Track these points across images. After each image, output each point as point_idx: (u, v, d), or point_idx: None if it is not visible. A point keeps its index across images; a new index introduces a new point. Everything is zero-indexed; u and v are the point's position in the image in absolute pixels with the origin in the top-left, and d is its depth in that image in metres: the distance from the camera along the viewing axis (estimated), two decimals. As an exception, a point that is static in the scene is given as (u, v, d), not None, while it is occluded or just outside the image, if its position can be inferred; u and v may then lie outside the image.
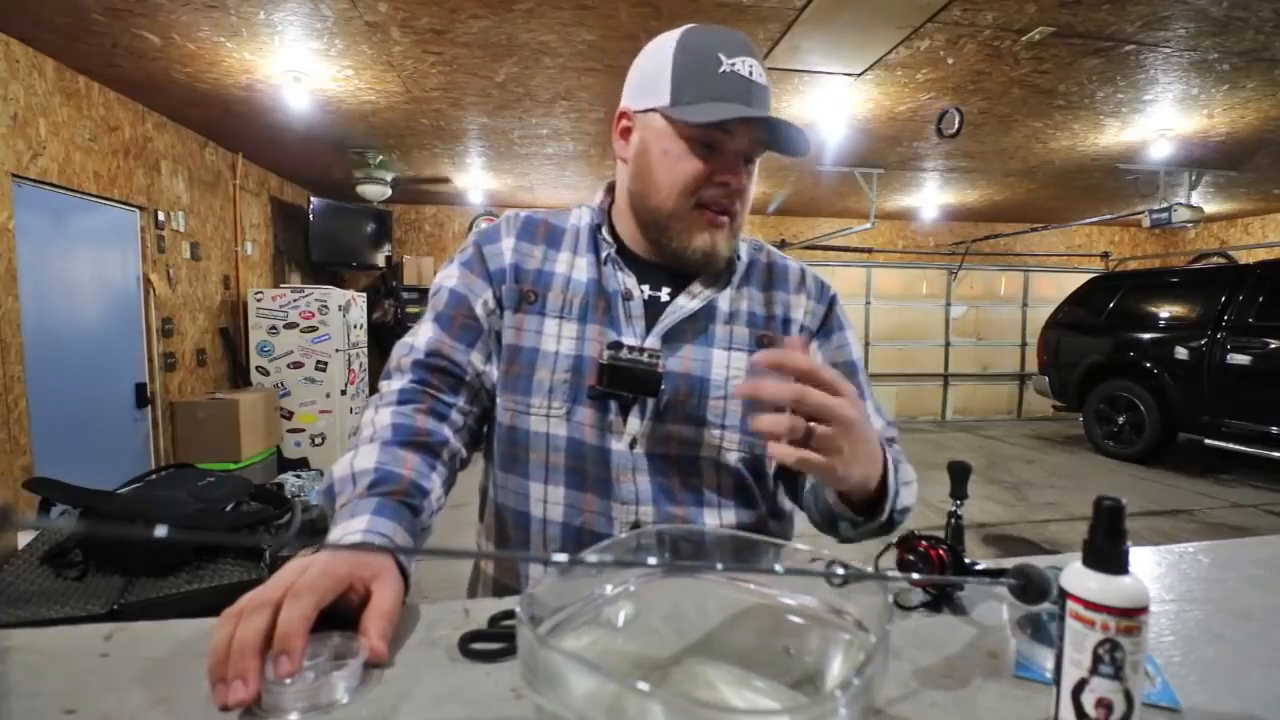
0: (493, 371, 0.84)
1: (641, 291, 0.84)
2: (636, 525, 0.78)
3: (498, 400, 0.84)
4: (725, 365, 0.83)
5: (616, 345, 0.79)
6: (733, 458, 0.82)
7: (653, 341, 0.82)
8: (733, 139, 0.76)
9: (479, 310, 0.84)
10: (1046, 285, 8.20)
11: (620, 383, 0.78)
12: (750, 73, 0.75)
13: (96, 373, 3.66)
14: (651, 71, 0.79)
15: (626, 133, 0.82)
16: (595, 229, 0.87)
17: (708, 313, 0.84)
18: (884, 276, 8.01)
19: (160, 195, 4.18)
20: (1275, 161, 5.17)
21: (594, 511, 0.80)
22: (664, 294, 0.85)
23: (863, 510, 0.71)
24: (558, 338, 0.82)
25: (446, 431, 0.78)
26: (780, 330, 0.87)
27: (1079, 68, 3.36)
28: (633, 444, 0.80)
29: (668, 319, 0.82)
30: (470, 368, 0.82)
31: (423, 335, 0.83)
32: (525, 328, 0.83)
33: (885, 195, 6.54)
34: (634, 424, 0.80)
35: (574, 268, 0.85)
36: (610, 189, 0.90)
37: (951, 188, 6.38)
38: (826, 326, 0.89)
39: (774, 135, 0.77)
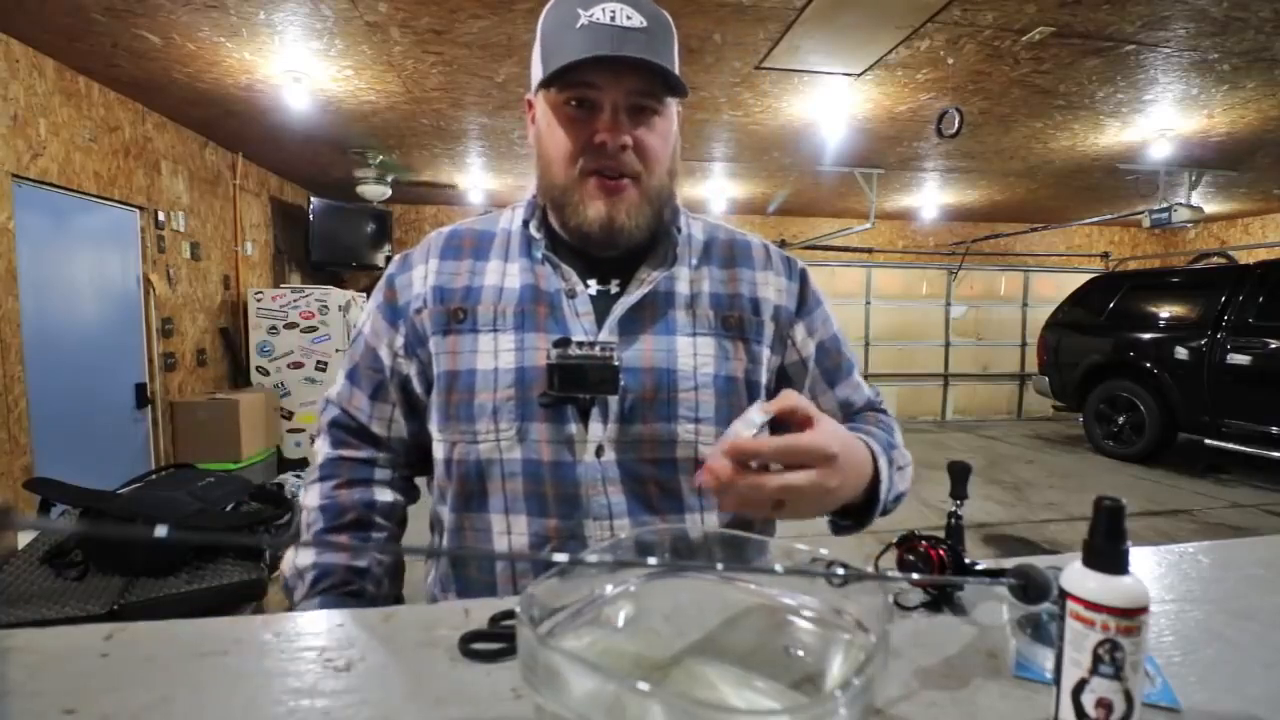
0: (401, 418, 0.82)
1: (587, 286, 0.78)
2: None
3: (439, 436, 0.78)
4: (692, 353, 0.76)
5: (564, 342, 0.72)
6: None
7: (606, 336, 0.75)
8: (602, 92, 0.69)
9: (383, 356, 0.81)
10: (1046, 285, 8.19)
11: (573, 383, 0.71)
12: (613, 17, 0.67)
13: (96, 373, 3.66)
14: (532, 52, 0.75)
15: (534, 121, 0.78)
16: (525, 225, 0.80)
17: (666, 299, 0.78)
18: (884, 276, 8.00)
19: (160, 195, 4.18)
20: (1275, 161, 5.16)
21: (562, 536, 0.73)
22: (614, 286, 0.78)
23: (852, 514, 0.72)
24: (494, 353, 0.75)
25: (373, 494, 0.81)
26: (747, 310, 0.80)
27: (1079, 68, 3.36)
28: (599, 451, 0.73)
29: (618, 310, 0.76)
30: (376, 422, 0.82)
31: (336, 389, 0.84)
32: (459, 349, 0.76)
33: (885, 195, 6.54)
34: (597, 430, 0.73)
35: (505, 275, 0.78)
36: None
37: (951, 188, 6.38)
38: (805, 305, 0.85)
39: (660, 75, 0.69)
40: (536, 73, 0.74)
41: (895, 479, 0.75)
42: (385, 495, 0.82)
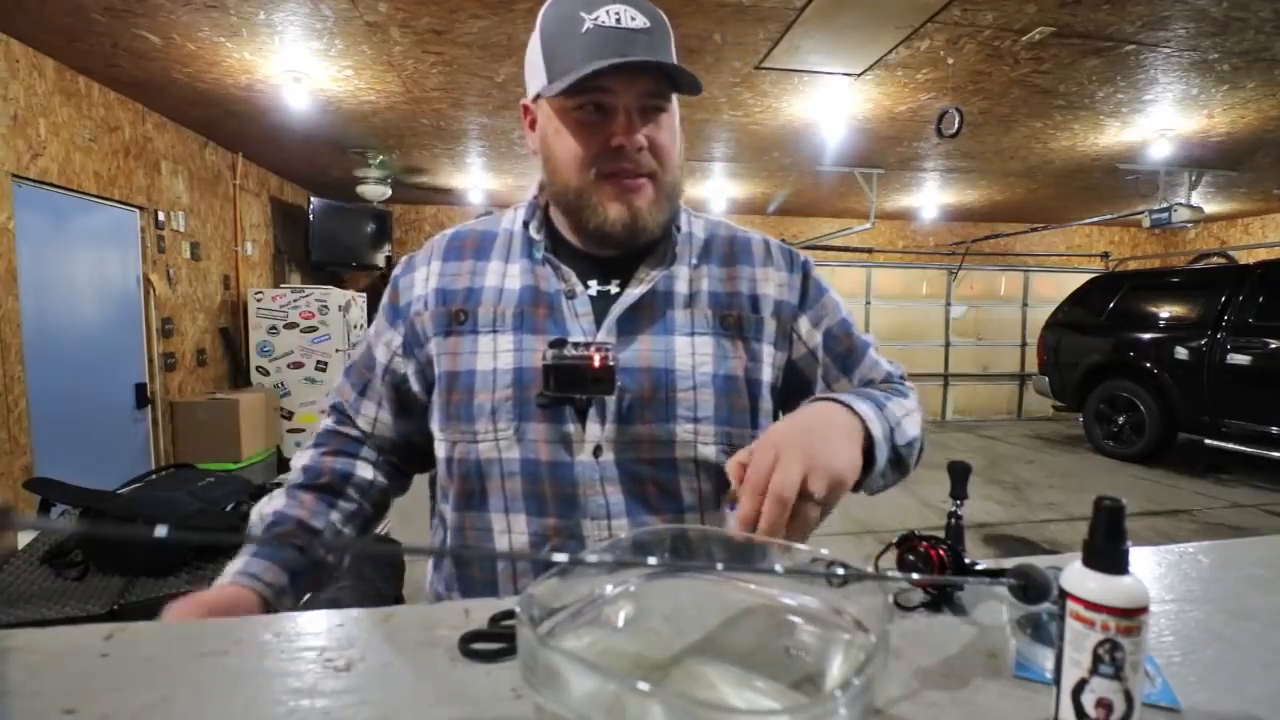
0: (387, 417, 0.85)
1: (587, 287, 0.78)
2: None
3: (441, 436, 0.79)
4: (690, 353, 0.76)
5: (559, 343, 0.72)
6: (710, 453, 0.76)
7: (604, 336, 0.75)
8: (615, 96, 0.70)
9: (379, 354, 0.84)
10: (1046, 285, 8.19)
11: (568, 384, 0.71)
12: (618, 20, 0.68)
13: (96, 373, 3.66)
14: (531, 55, 0.75)
15: (534, 125, 0.78)
16: (525, 226, 0.81)
17: (665, 299, 0.78)
18: (884, 276, 8.00)
19: (160, 195, 4.18)
20: (1275, 161, 5.17)
21: (561, 536, 0.74)
22: (613, 287, 0.78)
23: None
24: (493, 354, 0.76)
25: (354, 466, 0.84)
26: (746, 308, 0.80)
27: (1079, 68, 3.36)
28: (597, 452, 0.74)
29: (616, 309, 0.76)
30: (361, 418, 0.86)
31: (337, 379, 0.90)
32: (460, 350, 0.77)
33: (885, 195, 6.54)
34: (594, 430, 0.73)
35: (505, 276, 0.79)
36: (543, 185, 0.82)
37: (951, 188, 6.38)
38: (807, 296, 0.84)
39: (667, 75, 0.70)
40: (538, 74, 0.73)
41: (904, 424, 0.74)
42: (366, 472, 0.84)
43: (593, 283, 0.79)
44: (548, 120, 0.75)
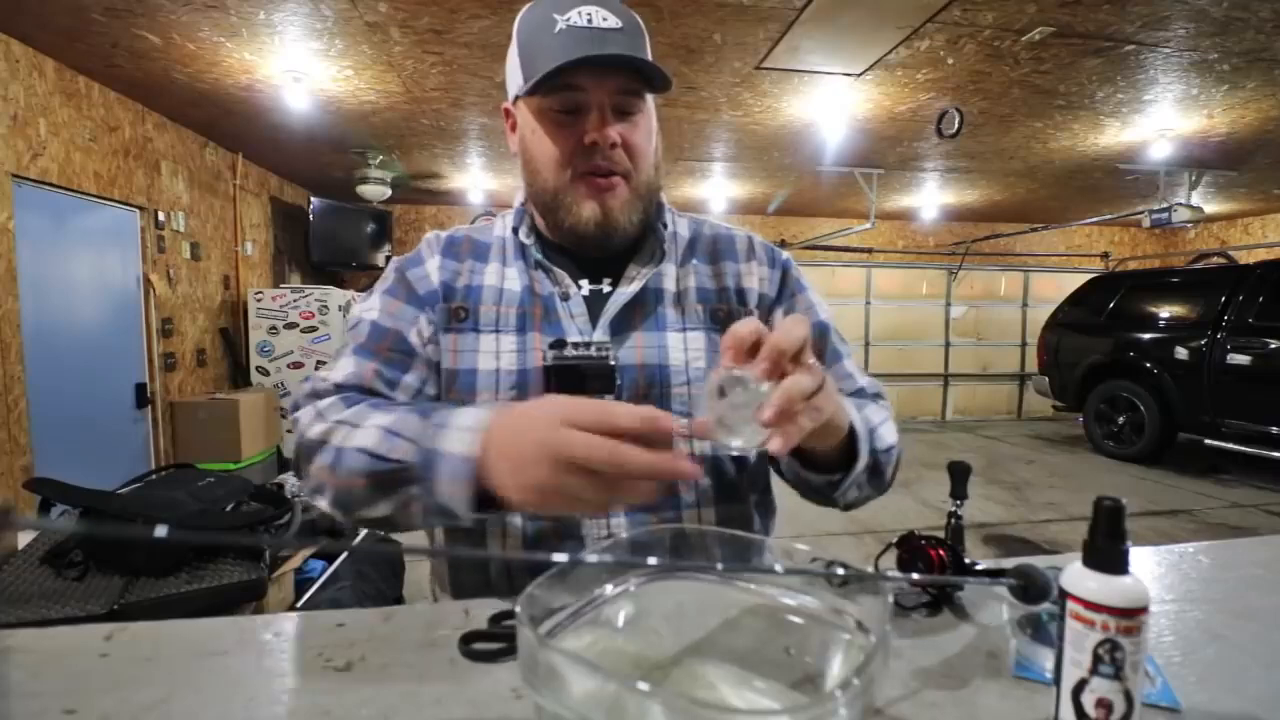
0: (432, 393, 0.77)
1: (580, 287, 0.79)
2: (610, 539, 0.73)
3: None
4: (683, 348, 0.78)
5: (559, 344, 0.73)
6: (707, 447, 0.77)
7: (600, 335, 0.76)
8: (587, 94, 0.70)
9: (413, 339, 0.76)
10: (1046, 285, 8.19)
11: (570, 384, 0.72)
12: (590, 20, 0.69)
13: (96, 373, 3.66)
14: (509, 60, 0.76)
15: (514, 128, 0.79)
16: (515, 231, 0.82)
17: (655, 296, 0.79)
18: (884, 276, 8.00)
19: (160, 195, 4.17)
20: (1275, 161, 5.16)
21: (559, 536, 0.74)
22: (605, 286, 0.80)
23: (840, 464, 0.67)
24: (496, 354, 0.76)
25: None
26: (734, 301, 0.82)
27: (1079, 68, 3.36)
28: None
29: (611, 309, 0.77)
30: (404, 392, 0.74)
31: (340, 370, 0.73)
32: (460, 348, 0.77)
33: (885, 195, 6.54)
34: None
35: (505, 278, 0.80)
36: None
37: (951, 188, 6.38)
38: (786, 290, 0.85)
39: (639, 72, 0.70)
40: (515, 79, 0.74)
41: (880, 430, 0.71)
42: None
43: (584, 282, 0.80)
44: (525, 121, 0.76)
